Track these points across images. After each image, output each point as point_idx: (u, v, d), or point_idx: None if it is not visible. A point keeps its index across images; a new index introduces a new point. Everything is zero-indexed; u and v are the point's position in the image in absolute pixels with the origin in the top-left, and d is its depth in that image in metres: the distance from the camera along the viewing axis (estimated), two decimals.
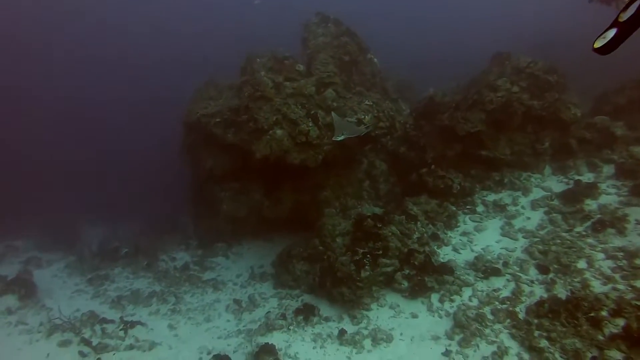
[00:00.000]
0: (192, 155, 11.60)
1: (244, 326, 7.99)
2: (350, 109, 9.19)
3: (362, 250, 7.95)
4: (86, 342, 7.06)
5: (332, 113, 7.63)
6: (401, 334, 6.83)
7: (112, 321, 7.93)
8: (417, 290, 7.51)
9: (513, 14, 24.71)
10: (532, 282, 6.90)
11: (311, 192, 10.01)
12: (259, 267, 10.47)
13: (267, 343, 6.79)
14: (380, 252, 7.89)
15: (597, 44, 2.53)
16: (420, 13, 29.29)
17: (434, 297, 7.39)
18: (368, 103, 9.28)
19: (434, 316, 7.09)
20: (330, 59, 9.61)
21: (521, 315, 6.33)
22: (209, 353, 7.01)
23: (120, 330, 7.58)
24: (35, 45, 30.20)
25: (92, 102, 28.46)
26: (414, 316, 7.19)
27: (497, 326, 6.35)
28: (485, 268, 7.43)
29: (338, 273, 7.78)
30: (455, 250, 8.25)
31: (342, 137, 7.11)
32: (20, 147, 22.53)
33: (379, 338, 6.74)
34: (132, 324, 7.78)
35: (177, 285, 9.87)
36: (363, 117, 9.07)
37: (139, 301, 9.13)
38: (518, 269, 7.23)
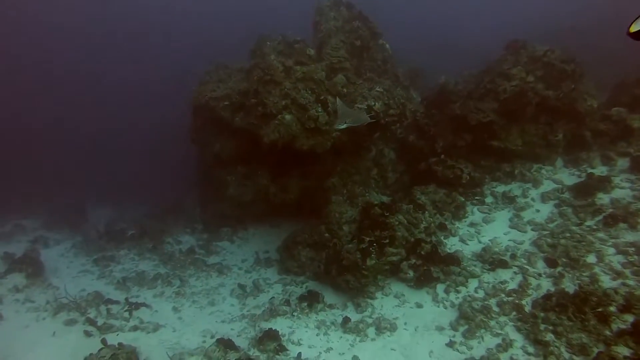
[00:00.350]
0: (200, 138, 11.55)
1: (247, 311, 8.03)
2: (361, 95, 9.04)
3: (368, 239, 7.89)
4: (91, 322, 7.13)
5: (337, 99, 7.43)
6: (405, 324, 6.81)
7: (117, 302, 7.99)
8: (422, 280, 7.47)
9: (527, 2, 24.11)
10: (539, 275, 6.82)
11: (318, 178, 9.93)
12: (264, 252, 10.48)
13: (271, 329, 6.81)
14: (387, 240, 7.83)
15: (634, 28, 2.40)
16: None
17: (440, 288, 7.35)
18: (379, 90, 9.12)
19: (439, 306, 7.06)
20: (342, 44, 9.42)
21: (527, 308, 6.26)
22: (212, 337, 7.04)
23: (125, 311, 7.64)
24: (45, 19, 30.06)
25: (102, 82, 28.49)
26: (419, 306, 7.16)
27: (503, 318, 6.30)
28: (493, 260, 7.35)
29: (344, 261, 7.75)
30: (462, 241, 8.17)
31: (344, 125, 6.90)
32: (30, 127, 22.69)
33: (383, 327, 6.73)
34: (137, 306, 7.84)
35: (182, 269, 9.92)
36: (373, 104, 8.91)
37: (144, 283, 9.19)
38: (526, 261, 7.14)
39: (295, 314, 7.54)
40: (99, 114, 25.16)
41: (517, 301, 6.43)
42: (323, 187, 9.78)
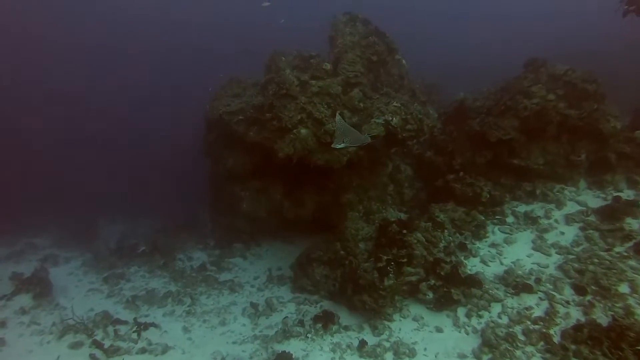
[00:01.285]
0: (213, 153, 11.44)
1: (260, 331, 7.80)
2: (378, 109, 8.86)
3: (386, 257, 7.65)
4: (98, 345, 6.95)
5: (337, 116, 7.14)
6: (425, 349, 6.52)
7: (125, 322, 7.83)
8: (442, 303, 7.19)
9: (545, 25, 24.00)
10: (567, 302, 6.50)
11: (333, 194, 9.73)
12: (277, 269, 10.26)
13: (284, 351, 6.59)
14: (405, 260, 7.59)
15: None
16: (448, 17, 28.67)
17: (461, 311, 7.06)
18: (396, 104, 8.93)
19: (460, 332, 6.76)
20: (358, 59, 9.28)
21: (556, 339, 5.93)
22: (223, 359, 6.81)
23: (134, 332, 7.44)
24: (57, 37, 30.55)
25: (114, 98, 28.81)
26: (439, 330, 6.87)
27: (530, 348, 5.98)
28: (516, 283, 7.04)
29: (360, 280, 7.50)
30: (483, 262, 7.87)
31: (342, 145, 6.62)
32: (42, 145, 22.90)
33: (402, 352, 6.45)
34: (146, 326, 7.64)
35: (193, 286, 9.73)
36: (391, 118, 8.72)
37: (154, 301, 9.00)
38: (552, 287, 6.82)
39: (309, 335, 7.28)
40: (111, 130, 25.37)
41: (544, 330, 6.10)
42: (338, 203, 9.56)
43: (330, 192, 9.92)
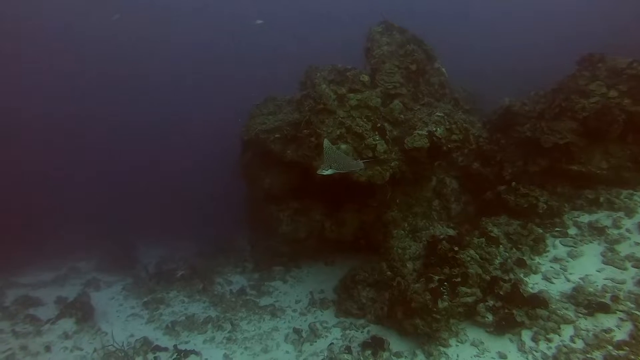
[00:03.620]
0: (250, 174, 11.31)
1: (304, 359, 7.33)
2: (420, 120, 8.46)
3: (437, 277, 7.10)
4: None
5: (325, 140, 6.65)
6: None
7: (165, 349, 7.64)
8: (504, 325, 6.52)
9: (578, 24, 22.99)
10: None
11: (376, 211, 9.30)
12: (319, 292, 9.82)
13: None
14: (459, 279, 7.00)
15: None
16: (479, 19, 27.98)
17: (526, 335, 6.36)
18: (439, 114, 8.50)
19: (527, 358, 6.06)
20: (396, 69, 8.98)
21: None
22: None
23: (174, 359, 7.18)
24: (85, 56, 31.99)
25: (152, 120, 29.77)
26: (502, 356, 6.22)
27: None
28: (589, 302, 6.29)
29: (412, 302, 6.95)
30: (546, 279, 7.14)
31: (329, 171, 6.19)
32: (87, 169, 23.81)
33: None
34: (186, 353, 7.41)
35: (233, 311, 9.43)
36: (434, 129, 8.28)
37: (193, 327, 8.76)
38: (633, 305, 6.04)
39: None
40: (150, 154, 26.09)
41: (632, 357, 5.34)
42: (381, 221, 9.12)
43: (372, 210, 9.50)
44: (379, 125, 8.41)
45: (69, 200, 19.77)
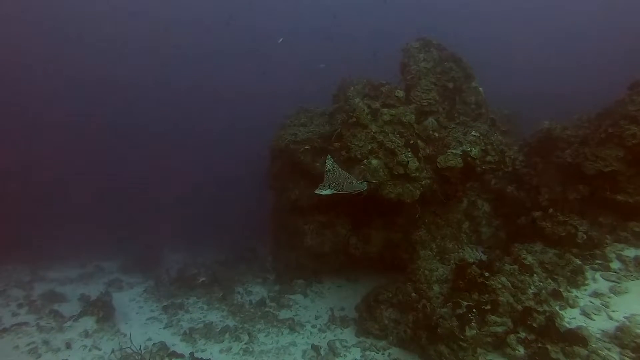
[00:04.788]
0: (277, 184, 11.26)
1: None
2: (455, 139, 8.24)
3: (466, 303, 6.77)
4: None
5: (328, 158, 6.35)
6: None
7: (181, 356, 7.62)
8: None
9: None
10: None
11: (404, 230, 9.05)
12: (340, 309, 9.59)
13: None
14: (489, 307, 6.65)
15: None
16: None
17: None
18: (475, 134, 8.26)
19: None
20: (433, 86, 8.81)
21: None
22: None
23: None
24: (121, 74, 33.14)
25: (179, 128, 30.46)
26: None
27: None
28: (636, 345, 5.82)
29: (438, 328, 6.64)
30: (585, 314, 6.68)
31: (327, 191, 5.93)
32: (116, 173, 24.50)
33: None
34: None
35: (252, 322, 9.29)
36: (469, 149, 8.04)
37: (211, 335, 8.66)
38: None
39: None
40: (174, 161, 26.63)
41: None
42: (409, 240, 8.86)
43: (400, 229, 9.25)
44: (411, 142, 8.22)
45: (101, 202, 20.34)
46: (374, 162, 8.00)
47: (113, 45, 32.47)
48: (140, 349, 7.69)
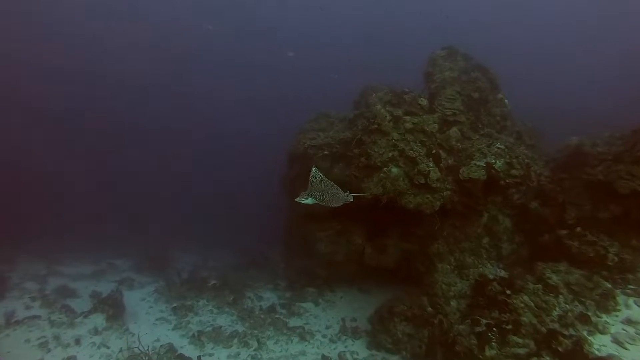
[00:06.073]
0: (294, 189, 11.10)
1: None
2: (479, 151, 7.97)
3: (485, 321, 6.47)
4: None
5: (313, 168, 6.18)
6: None
7: (189, 359, 7.45)
8: None
9: None
10: None
11: (421, 241, 8.77)
12: (352, 320, 9.34)
13: None
14: (510, 326, 6.34)
15: None
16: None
17: None
18: (500, 146, 7.98)
19: None
20: (458, 95, 8.58)
21: None
22: None
23: None
24: (143, 80, 33.74)
25: (194, 131, 30.80)
26: None
27: None
28: None
29: (456, 345, 6.35)
30: (617, 342, 6.28)
31: (308, 200, 5.74)
32: (135, 175, 24.85)
33: None
34: None
35: (261, 328, 9.10)
36: (493, 161, 7.76)
37: (219, 340, 8.51)
38: None
39: None
40: (189, 164, 26.87)
41: None
42: (426, 252, 8.59)
43: (417, 240, 8.98)
44: (433, 151, 8.00)
45: (118, 201, 20.59)
46: (394, 170, 7.79)
47: (134, 49, 33.14)
48: (148, 349, 7.59)
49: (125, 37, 31.60)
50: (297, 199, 5.89)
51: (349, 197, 6.05)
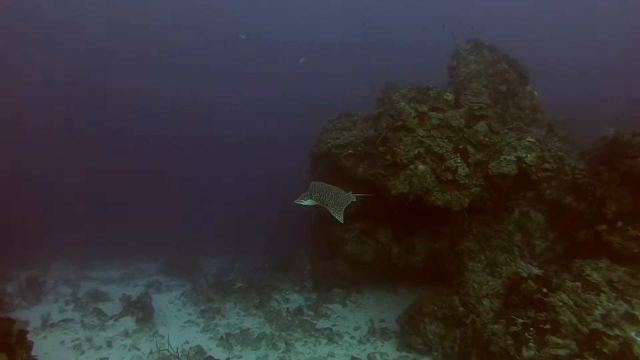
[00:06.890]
0: None
1: None
2: (508, 145, 7.71)
3: (522, 321, 6.21)
4: None
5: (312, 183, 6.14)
6: None
7: None
8: None
9: None
10: None
11: (450, 240, 8.54)
12: (380, 321, 9.18)
13: None
14: (548, 326, 6.05)
15: None
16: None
17: None
18: (530, 139, 7.70)
19: None
20: (484, 89, 8.31)
21: None
22: None
23: None
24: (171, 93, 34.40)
25: (218, 134, 31.15)
26: None
27: None
28: None
29: (490, 346, 6.11)
30: None
31: (308, 201, 5.72)
32: (163, 178, 25.30)
33: None
34: None
35: (289, 330, 9.04)
36: (524, 155, 7.49)
37: (247, 342, 8.48)
38: None
39: None
40: (218, 165, 27.12)
41: None
42: (455, 251, 8.35)
43: (446, 238, 8.75)
44: (461, 147, 7.78)
45: (145, 205, 20.94)
46: (421, 167, 7.61)
47: (153, 59, 33.94)
48: (177, 351, 7.65)
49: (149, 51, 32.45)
50: (297, 201, 5.84)
51: (350, 199, 5.98)
